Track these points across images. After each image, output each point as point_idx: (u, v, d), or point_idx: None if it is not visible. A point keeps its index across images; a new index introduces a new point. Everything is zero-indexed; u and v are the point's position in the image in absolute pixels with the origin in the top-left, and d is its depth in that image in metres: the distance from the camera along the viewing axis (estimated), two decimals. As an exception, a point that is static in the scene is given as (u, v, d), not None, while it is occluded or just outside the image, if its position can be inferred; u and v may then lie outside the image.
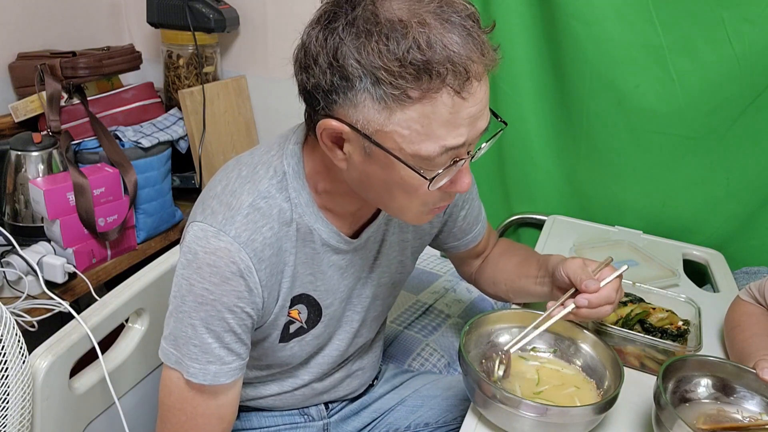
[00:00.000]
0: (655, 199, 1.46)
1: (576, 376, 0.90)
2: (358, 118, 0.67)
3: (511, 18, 1.44)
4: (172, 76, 1.79)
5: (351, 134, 0.69)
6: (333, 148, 0.72)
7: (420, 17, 0.63)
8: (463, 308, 1.55)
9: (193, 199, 1.77)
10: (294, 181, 0.78)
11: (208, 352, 0.76)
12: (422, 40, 0.62)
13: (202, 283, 0.74)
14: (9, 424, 0.79)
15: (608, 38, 1.35)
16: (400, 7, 0.64)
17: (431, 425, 1.05)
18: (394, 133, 0.66)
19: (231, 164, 0.82)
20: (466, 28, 0.64)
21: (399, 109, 0.65)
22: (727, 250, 1.39)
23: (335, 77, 0.65)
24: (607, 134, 1.44)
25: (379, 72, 0.63)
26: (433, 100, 0.64)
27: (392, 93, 0.64)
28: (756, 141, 1.33)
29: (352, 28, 0.64)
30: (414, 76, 0.63)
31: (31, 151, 1.38)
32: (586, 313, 0.85)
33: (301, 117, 0.78)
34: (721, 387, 0.85)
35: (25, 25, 1.66)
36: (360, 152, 0.70)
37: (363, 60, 0.63)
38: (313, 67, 0.67)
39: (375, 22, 0.63)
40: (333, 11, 0.66)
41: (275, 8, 1.79)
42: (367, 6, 0.64)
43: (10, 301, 1.24)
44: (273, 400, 0.98)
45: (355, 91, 0.65)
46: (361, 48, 0.63)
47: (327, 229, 0.81)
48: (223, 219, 0.74)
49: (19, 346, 0.81)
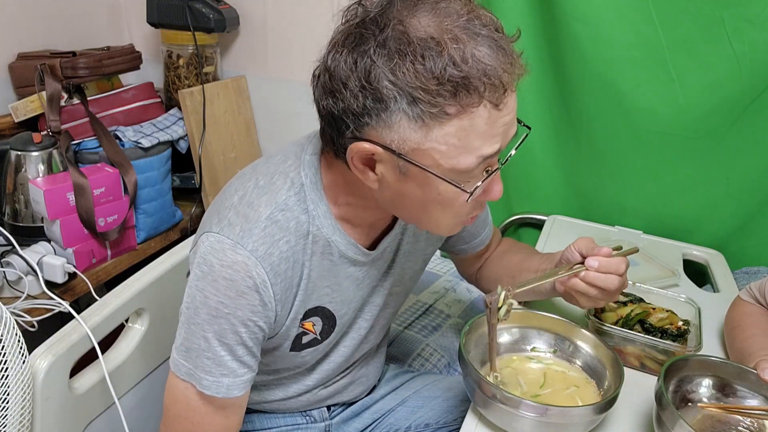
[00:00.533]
0: (655, 199, 1.46)
1: (577, 377, 0.90)
2: (393, 139, 0.66)
3: (511, 18, 1.44)
4: (172, 76, 1.79)
5: (384, 155, 0.68)
6: (365, 171, 0.71)
7: (451, 33, 0.63)
8: (463, 308, 1.56)
9: (193, 199, 1.79)
10: (312, 193, 0.77)
11: (222, 364, 0.76)
12: (457, 56, 0.62)
13: (217, 296, 0.73)
14: (9, 424, 0.79)
15: (608, 38, 1.35)
16: (429, 24, 0.63)
17: (432, 426, 1.05)
18: (431, 150, 0.66)
19: (247, 173, 0.81)
20: (495, 40, 0.65)
21: (437, 126, 0.65)
22: (727, 250, 1.39)
23: (368, 100, 0.65)
24: (607, 134, 1.44)
25: (417, 92, 0.63)
26: (470, 114, 0.64)
27: (430, 111, 0.63)
28: (756, 141, 1.33)
29: (384, 50, 0.63)
30: (451, 93, 0.63)
31: (31, 151, 1.38)
32: (593, 276, 0.84)
33: (301, 117, 0.77)
34: (722, 387, 0.85)
35: (25, 25, 1.66)
36: (394, 172, 0.70)
37: (398, 81, 0.63)
38: (342, 92, 0.66)
39: (407, 42, 0.62)
40: (359, 33, 0.65)
41: (275, 8, 1.79)
42: (396, 26, 0.63)
43: (10, 301, 1.24)
44: (277, 404, 0.98)
45: (389, 113, 0.65)
46: (395, 69, 0.63)
47: (345, 241, 0.80)
48: (240, 231, 0.73)
49: (19, 346, 0.81)
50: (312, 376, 0.94)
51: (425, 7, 0.65)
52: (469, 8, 0.66)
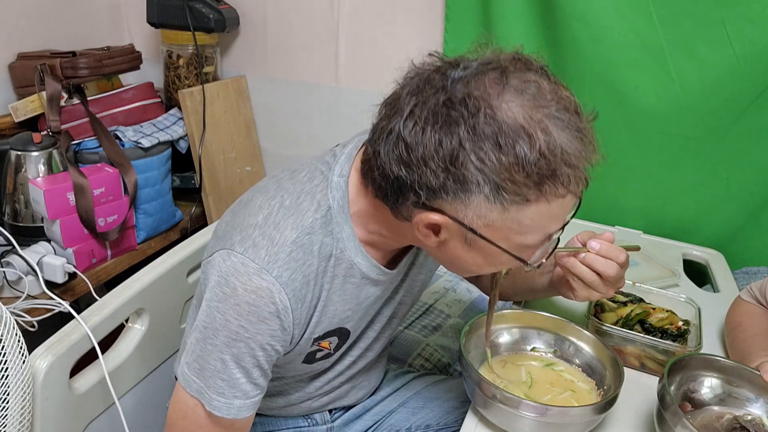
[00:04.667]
0: (655, 199, 1.46)
1: (576, 377, 0.90)
2: (467, 214, 0.66)
3: (511, 18, 1.44)
4: (172, 76, 1.79)
5: (453, 226, 0.68)
6: (428, 234, 0.71)
7: (541, 124, 0.63)
8: (463, 308, 1.55)
9: (193, 199, 1.79)
10: (338, 216, 0.76)
11: (235, 386, 0.76)
12: (546, 149, 0.62)
13: (238, 321, 0.72)
14: (9, 424, 0.79)
15: (608, 38, 1.34)
16: (518, 111, 0.63)
17: (432, 427, 1.05)
18: (503, 227, 0.67)
19: (271, 188, 0.79)
20: (580, 130, 0.66)
21: (515, 208, 0.65)
22: (727, 250, 1.39)
23: (449, 180, 0.64)
24: (607, 134, 1.43)
25: (503, 182, 0.63)
26: (549, 202, 0.65)
27: (512, 198, 0.64)
28: (756, 141, 1.33)
29: (473, 136, 0.62)
30: (536, 183, 0.63)
31: (31, 151, 1.38)
32: (592, 258, 0.82)
33: (301, 117, 0.77)
34: (724, 387, 0.85)
35: (25, 25, 1.66)
36: (460, 241, 0.70)
37: (485, 168, 0.63)
38: (420, 167, 0.65)
39: (497, 131, 0.62)
40: (446, 114, 0.64)
41: (275, 8, 1.79)
42: (486, 111, 0.63)
43: (10, 301, 1.24)
44: (278, 411, 0.99)
45: (469, 194, 0.64)
46: (483, 157, 0.62)
47: (368, 263, 0.80)
48: (266, 256, 0.72)
49: (19, 346, 0.81)
50: (314, 384, 0.94)
51: (513, 86, 0.64)
52: (554, 88, 0.66)
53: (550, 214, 0.67)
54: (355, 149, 0.80)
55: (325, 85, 1.80)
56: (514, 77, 0.65)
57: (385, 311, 0.92)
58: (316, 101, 1.82)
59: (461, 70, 0.66)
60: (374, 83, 1.72)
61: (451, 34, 1.56)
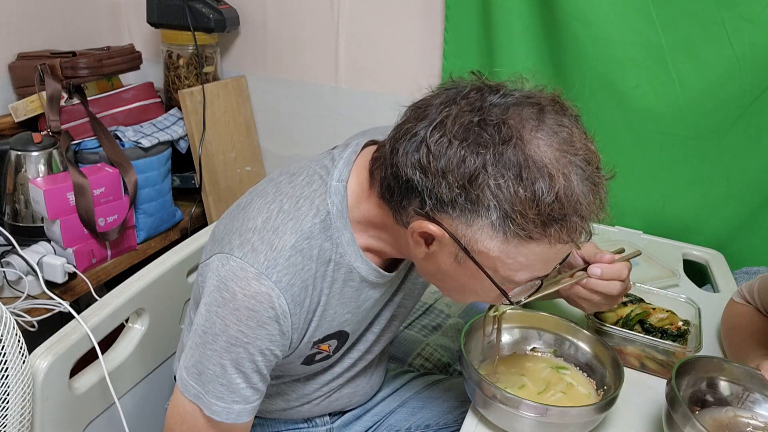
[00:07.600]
0: (655, 199, 1.46)
1: (576, 377, 0.90)
2: (466, 234, 0.67)
3: (511, 18, 1.44)
4: (172, 76, 1.79)
5: (448, 241, 0.68)
6: (419, 242, 0.71)
7: (565, 169, 0.64)
8: (463, 308, 1.55)
9: (193, 199, 1.79)
10: (337, 221, 0.76)
11: (235, 391, 0.76)
12: (563, 194, 0.63)
13: (238, 326, 0.72)
14: (9, 424, 0.79)
15: (608, 38, 1.35)
16: (547, 152, 0.64)
17: (432, 426, 1.05)
18: (497, 258, 0.67)
19: (269, 192, 0.79)
20: (596, 185, 0.66)
21: (514, 243, 0.66)
22: (727, 250, 1.39)
23: (461, 197, 0.64)
24: (607, 134, 1.44)
25: (514, 213, 0.63)
26: (550, 245, 0.66)
27: (516, 231, 0.64)
28: (756, 141, 1.33)
29: (498, 162, 0.63)
30: (544, 223, 0.64)
31: (31, 151, 1.38)
32: (594, 283, 0.84)
33: (301, 117, 0.77)
34: (732, 389, 0.84)
35: (25, 25, 1.66)
36: (449, 257, 0.70)
37: (500, 195, 0.63)
38: (437, 177, 0.65)
39: (523, 164, 0.63)
40: (478, 133, 0.64)
41: (275, 8, 1.79)
42: (517, 142, 0.63)
43: (10, 301, 1.25)
44: (278, 414, 0.98)
45: (476, 216, 0.65)
46: (503, 185, 0.63)
47: (367, 267, 0.80)
48: (265, 260, 0.72)
49: (19, 346, 0.81)
50: (312, 385, 0.94)
51: (547, 126, 0.65)
52: (583, 138, 0.67)
53: (546, 257, 0.68)
54: (354, 153, 0.80)
55: (325, 85, 1.80)
56: (550, 117, 0.66)
57: (385, 314, 0.92)
58: (316, 101, 1.82)
59: (501, 97, 0.66)
60: (374, 83, 1.71)
61: (451, 34, 1.56)
